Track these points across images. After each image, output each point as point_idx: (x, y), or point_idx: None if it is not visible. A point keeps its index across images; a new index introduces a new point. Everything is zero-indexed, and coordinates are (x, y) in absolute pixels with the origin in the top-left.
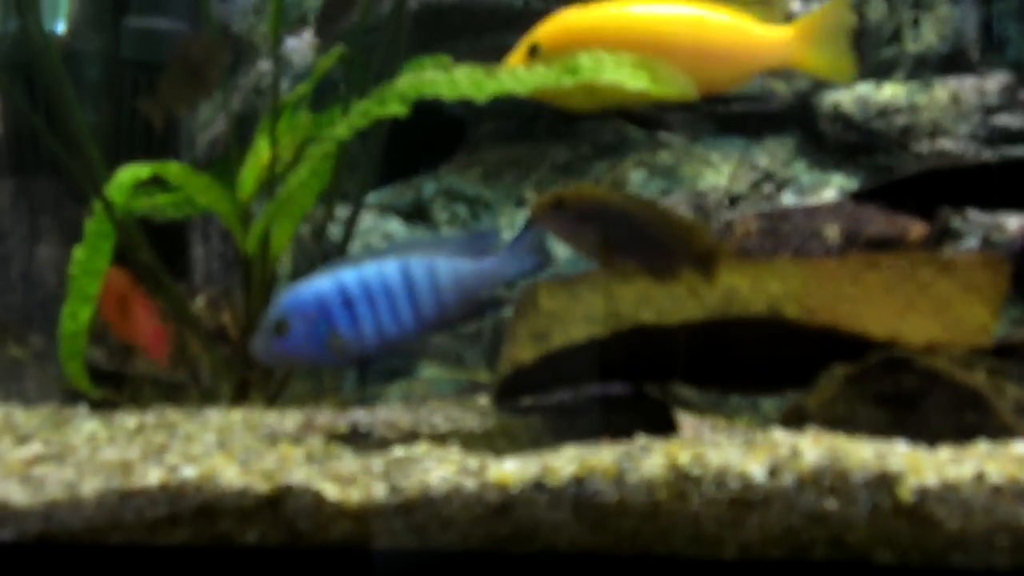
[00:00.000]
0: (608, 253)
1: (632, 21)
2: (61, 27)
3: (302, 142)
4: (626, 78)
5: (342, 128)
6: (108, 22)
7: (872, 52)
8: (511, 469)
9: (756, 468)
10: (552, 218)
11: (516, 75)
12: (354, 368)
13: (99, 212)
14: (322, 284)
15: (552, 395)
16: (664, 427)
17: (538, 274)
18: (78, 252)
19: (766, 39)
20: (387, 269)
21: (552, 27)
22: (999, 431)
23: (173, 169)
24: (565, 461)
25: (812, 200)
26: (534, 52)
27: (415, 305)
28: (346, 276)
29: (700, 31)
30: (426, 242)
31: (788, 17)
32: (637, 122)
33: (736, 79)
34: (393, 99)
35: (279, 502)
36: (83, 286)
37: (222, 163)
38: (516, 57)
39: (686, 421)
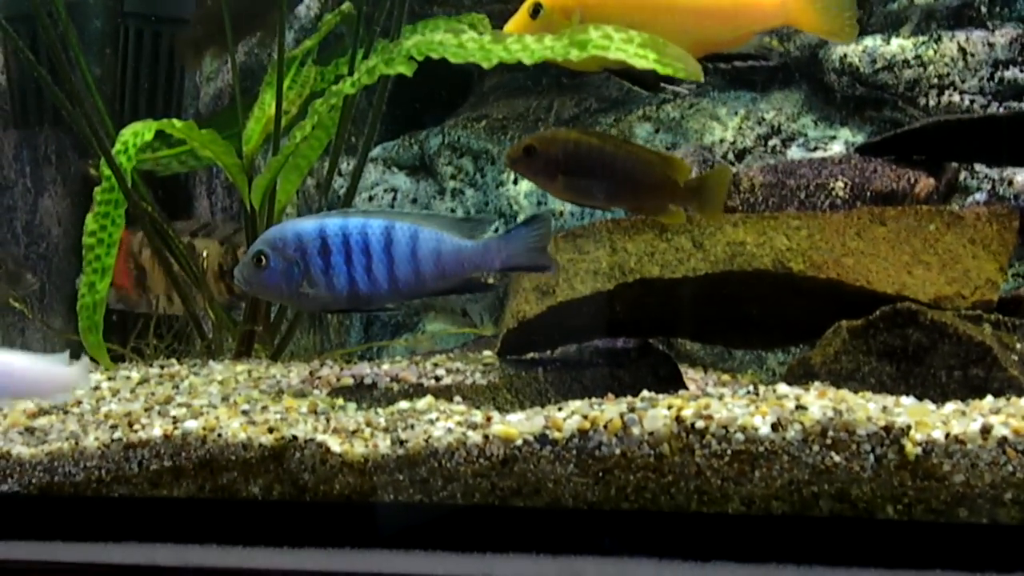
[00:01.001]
0: (585, 197)
1: None
2: None
3: (307, 96)
4: (633, 57)
5: (348, 85)
6: None
7: (879, 5)
8: (515, 423)
9: (761, 422)
10: (524, 166)
11: (524, 44)
12: (327, 314)
13: (107, 178)
14: (306, 227)
15: (557, 349)
16: (670, 381)
17: (534, 272)
18: (90, 222)
19: None
20: (370, 226)
21: None
22: (1005, 385)
23: (177, 125)
24: (569, 414)
25: (819, 154)
26: (536, 12)
27: (390, 267)
28: (329, 225)
29: None
30: (420, 213)
31: None
32: (639, 84)
33: (737, 39)
34: (400, 59)
35: (283, 454)
36: (99, 257)
37: (227, 112)
38: (518, 17)
39: (691, 376)
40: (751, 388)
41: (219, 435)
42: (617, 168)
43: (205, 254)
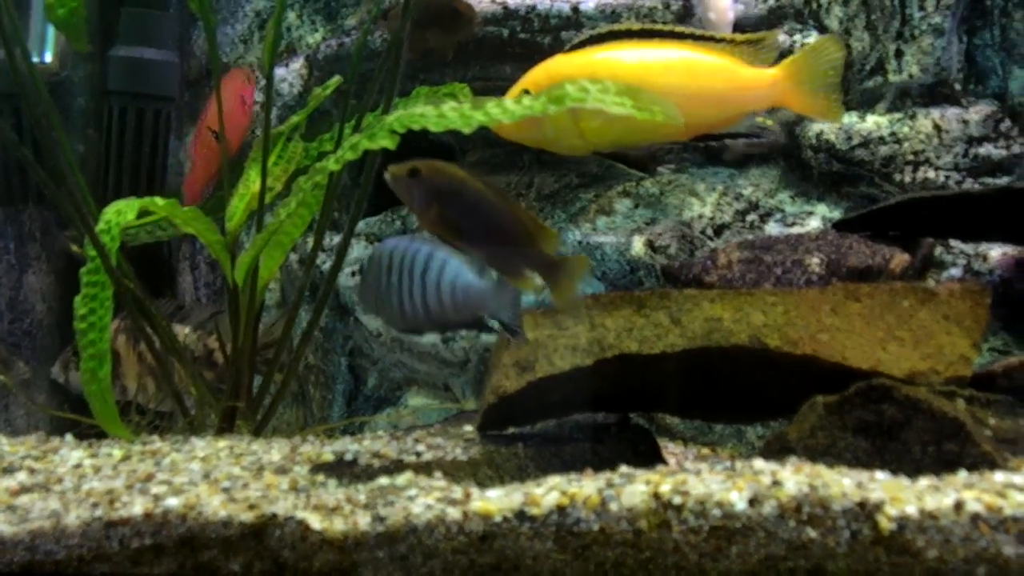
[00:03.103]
0: (452, 234)
1: (621, 67)
2: (49, 57)
3: (293, 171)
4: (612, 105)
5: (332, 161)
6: (96, 51)
7: (855, 83)
8: (494, 499)
9: (737, 497)
10: (405, 187)
11: (503, 106)
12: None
13: (92, 258)
14: (386, 244)
15: (537, 424)
16: (649, 456)
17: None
18: (80, 306)
19: (754, 80)
20: (418, 252)
21: (540, 74)
22: (979, 460)
23: (160, 203)
24: (548, 490)
25: (797, 230)
26: None
27: (425, 294)
28: (397, 244)
29: (689, 75)
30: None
31: (781, 55)
32: (631, 165)
33: (727, 120)
34: (382, 133)
35: (263, 532)
36: (93, 342)
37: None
38: None
39: (671, 450)
40: (728, 463)
41: (200, 512)
42: (492, 217)
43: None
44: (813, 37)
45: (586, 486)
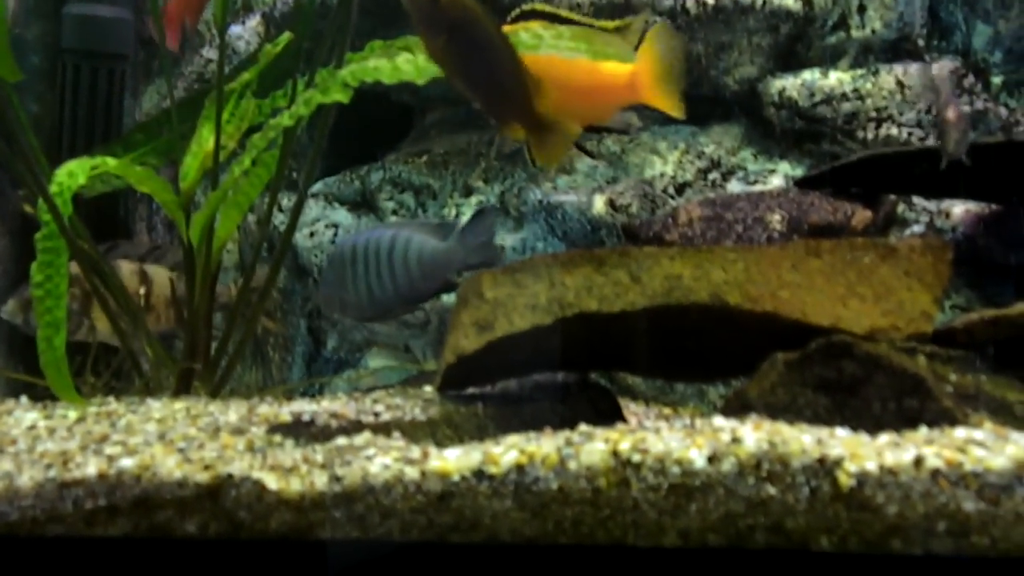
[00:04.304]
0: (451, 68)
1: None
2: None
3: (247, 130)
4: (566, 50)
5: (286, 117)
6: (49, 9)
7: (818, 39)
8: (452, 458)
9: (696, 455)
10: (418, 11)
11: None
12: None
13: (47, 223)
14: (347, 241)
15: (497, 384)
16: (610, 415)
17: (486, 266)
18: (35, 273)
19: (612, 76)
20: (382, 237)
21: None
22: (939, 417)
23: (112, 163)
24: (506, 449)
25: (759, 187)
26: None
27: (393, 274)
28: (357, 238)
29: (553, 66)
30: (403, 222)
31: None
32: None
33: (596, 114)
34: (335, 87)
35: (219, 492)
36: (50, 310)
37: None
38: None
39: (633, 409)
40: (688, 421)
41: (154, 473)
42: (495, 61)
43: (140, 284)
44: None
45: (545, 445)
